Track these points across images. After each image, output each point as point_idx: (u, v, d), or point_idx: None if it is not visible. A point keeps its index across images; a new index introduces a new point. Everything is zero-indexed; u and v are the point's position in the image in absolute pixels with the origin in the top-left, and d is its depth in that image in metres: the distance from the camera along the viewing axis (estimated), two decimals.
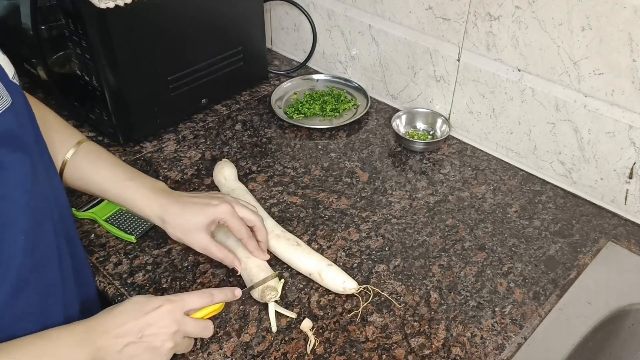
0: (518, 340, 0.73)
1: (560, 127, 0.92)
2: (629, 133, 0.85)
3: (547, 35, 0.87)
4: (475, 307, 0.77)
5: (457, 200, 0.94)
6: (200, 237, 0.74)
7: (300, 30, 1.27)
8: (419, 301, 0.77)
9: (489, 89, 0.99)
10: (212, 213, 0.74)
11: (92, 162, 0.75)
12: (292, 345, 0.71)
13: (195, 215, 0.74)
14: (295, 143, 1.06)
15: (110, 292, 0.78)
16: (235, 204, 0.76)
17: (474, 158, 1.03)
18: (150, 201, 0.74)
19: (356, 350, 0.71)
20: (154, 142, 1.05)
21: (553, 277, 0.81)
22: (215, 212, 0.74)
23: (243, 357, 0.69)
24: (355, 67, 1.21)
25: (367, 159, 1.03)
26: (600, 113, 0.87)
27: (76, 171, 0.75)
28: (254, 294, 0.75)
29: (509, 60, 0.93)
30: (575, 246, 0.86)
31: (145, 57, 0.97)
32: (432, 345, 0.72)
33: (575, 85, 0.87)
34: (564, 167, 0.95)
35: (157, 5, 0.94)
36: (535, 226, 0.89)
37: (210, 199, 0.76)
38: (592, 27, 0.82)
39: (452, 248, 0.85)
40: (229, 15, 1.08)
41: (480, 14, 0.93)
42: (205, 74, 1.08)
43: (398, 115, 1.08)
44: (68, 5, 0.90)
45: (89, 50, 0.92)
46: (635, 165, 0.87)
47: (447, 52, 1.01)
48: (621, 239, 0.88)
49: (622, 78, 0.82)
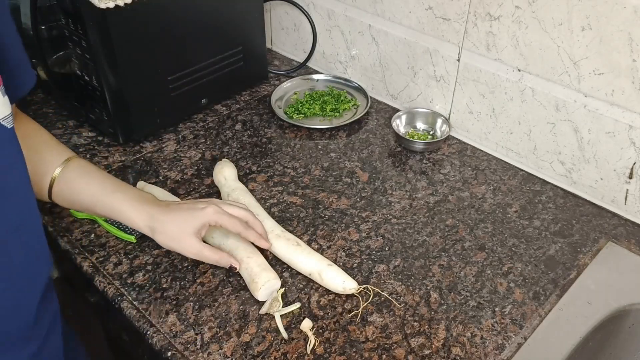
0: (518, 340, 0.73)
1: (560, 127, 0.92)
2: (629, 133, 0.85)
3: (547, 35, 0.87)
4: (475, 307, 0.76)
5: (457, 200, 0.94)
6: (191, 242, 0.74)
7: (300, 30, 1.27)
8: (419, 301, 0.77)
9: (489, 89, 0.98)
10: (200, 217, 0.74)
11: (80, 177, 0.75)
12: (292, 345, 0.71)
13: (184, 221, 0.74)
14: (295, 143, 1.06)
15: (110, 292, 0.78)
16: (222, 204, 0.77)
17: (474, 158, 1.03)
18: (139, 212, 0.74)
19: (356, 350, 0.71)
20: (154, 142, 1.05)
21: (553, 277, 0.81)
22: (204, 215, 0.74)
23: (243, 357, 0.69)
24: (355, 67, 1.21)
25: (367, 159, 1.03)
26: (600, 113, 0.86)
27: (64, 187, 0.74)
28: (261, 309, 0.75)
29: (509, 60, 0.93)
30: (575, 246, 0.86)
31: (145, 57, 0.97)
32: (432, 345, 0.71)
33: (575, 85, 0.87)
34: (564, 167, 0.95)
35: (157, 6, 0.94)
36: (535, 226, 0.89)
37: (196, 204, 0.76)
38: (592, 27, 0.81)
39: (452, 248, 0.85)
40: (229, 15, 1.08)
41: (480, 14, 0.93)
42: (205, 74, 1.08)
43: (398, 115, 1.08)
44: (68, 5, 0.90)
45: (89, 50, 0.92)
46: (635, 165, 0.87)
47: (447, 52, 1.01)
48: (621, 239, 0.88)
49: (622, 78, 0.82)
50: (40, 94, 1.15)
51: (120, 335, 0.79)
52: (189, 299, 0.76)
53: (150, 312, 0.75)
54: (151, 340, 0.72)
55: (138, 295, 0.77)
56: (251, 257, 0.77)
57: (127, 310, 0.75)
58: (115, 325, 0.78)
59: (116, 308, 0.77)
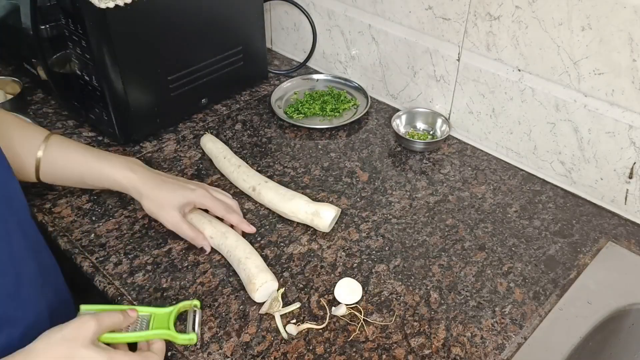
0: (518, 340, 0.72)
1: (560, 127, 0.92)
2: (629, 133, 0.84)
3: (547, 35, 0.86)
4: (475, 307, 0.76)
5: (457, 200, 0.93)
6: (174, 213, 0.78)
7: (300, 30, 1.26)
8: (419, 301, 0.77)
9: (489, 89, 0.98)
10: (188, 195, 0.79)
11: (64, 151, 0.77)
12: (292, 345, 0.71)
13: (172, 192, 0.78)
14: (295, 143, 1.06)
15: (110, 292, 0.77)
16: (211, 189, 0.83)
17: (474, 158, 1.03)
18: (128, 175, 0.77)
19: (356, 350, 0.70)
20: (154, 142, 1.05)
21: (553, 277, 0.81)
22: (192, 195, 0.79)
23: (243, 357, 0.69)
24: (355, 67, 1.20)
25: (367, 158, 1.02)
26: (600, 113, 0.86)
27: (51, 165, 0.76)
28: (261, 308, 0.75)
29: (509, 60, 0.93)
30: (575, 246, 0.86)
31: (145, 57, 0.96)
32: (432, 345, 0.71)
33: (575, 85, 0.87)
34: (564, 167, 0.95)
35: (157, 6, 0.94)
36: (535, 226, 0.89)
37: (187, 183, 0.81)
38: (592, 27, 0.81)
39: (452, 248, 0.85)
40: (229, 15, 1.08)
41: (480, 13, 0.93)
42: (205, 73, 1.08)
43: (398, 115, 1.07)
44: (68, 5, 0.90)
45: (89, 50, 0.92)
46: (635, 165, 0.86)
47: (447, 52, 1.01)
48: (621, 238, 0.87)
49: (622, 78, 0.82)
50: (40, 93, 1.15)
51: None
52: (189, 299, 0.76)
53: None
54: None
55: (138, 295, 0.76)
56: (249, 258, 0.77)
57: None
58: None
59: None
